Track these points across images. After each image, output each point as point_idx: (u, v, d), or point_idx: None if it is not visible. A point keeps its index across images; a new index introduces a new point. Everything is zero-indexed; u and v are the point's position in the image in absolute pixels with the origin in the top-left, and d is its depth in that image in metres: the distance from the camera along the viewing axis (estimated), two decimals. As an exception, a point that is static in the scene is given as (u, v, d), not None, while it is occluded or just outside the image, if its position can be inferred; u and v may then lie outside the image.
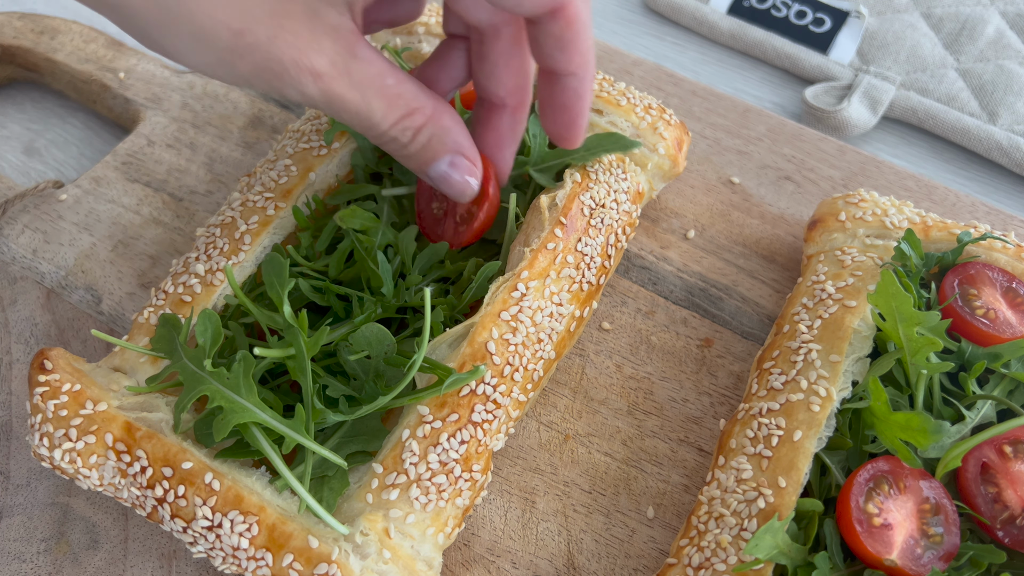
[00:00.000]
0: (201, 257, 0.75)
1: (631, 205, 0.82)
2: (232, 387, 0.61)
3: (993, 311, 0.71)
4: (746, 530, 0.63)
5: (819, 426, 0.66)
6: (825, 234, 0.81)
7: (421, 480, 0.64)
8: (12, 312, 0.84)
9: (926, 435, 0.60)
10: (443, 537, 0.66)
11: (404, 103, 0.62)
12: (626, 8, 1.17)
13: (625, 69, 1.03)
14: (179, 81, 1.01)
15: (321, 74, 0.57)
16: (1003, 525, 0.62)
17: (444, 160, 0.66)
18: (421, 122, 0.63)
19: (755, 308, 0.85)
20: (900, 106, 1.02)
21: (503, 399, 0.69)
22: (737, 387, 0.80)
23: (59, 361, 0.69)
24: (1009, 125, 1.00)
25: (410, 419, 0.66)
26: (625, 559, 0.71)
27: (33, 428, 0.67)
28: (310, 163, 0.80)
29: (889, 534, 0.60)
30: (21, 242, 0.88)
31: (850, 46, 1.07)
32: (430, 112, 0.63)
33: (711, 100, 1.00)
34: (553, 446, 0.76)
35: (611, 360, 0.81)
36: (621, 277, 0.86)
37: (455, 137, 0.65)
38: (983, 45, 1.06)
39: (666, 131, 0.85)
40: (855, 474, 0.62)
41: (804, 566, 0.61)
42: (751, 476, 0.65)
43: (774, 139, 0.96)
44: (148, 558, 0.71)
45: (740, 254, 0.88)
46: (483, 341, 0.68)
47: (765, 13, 1.10)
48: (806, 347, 0.71)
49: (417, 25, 0.91)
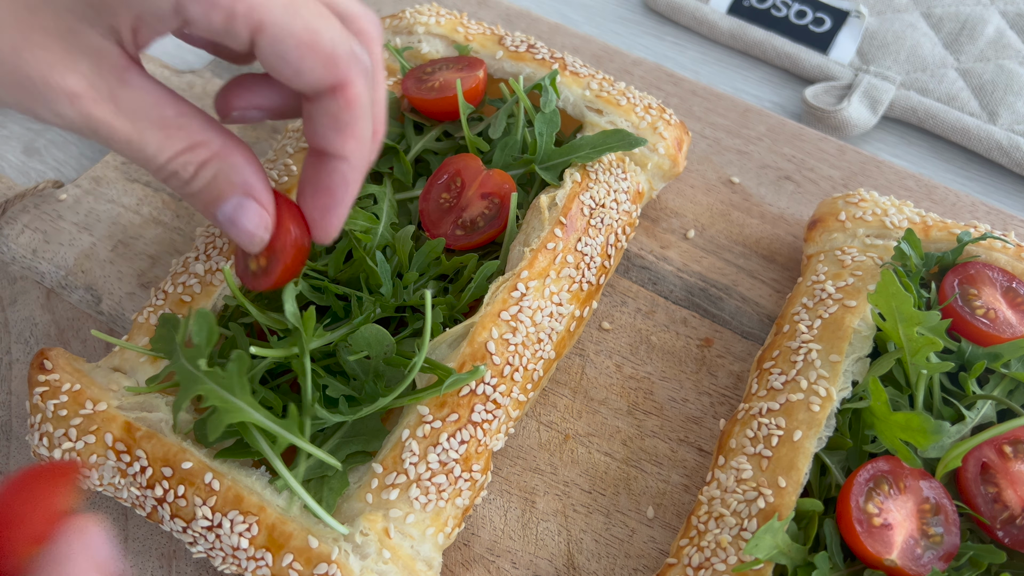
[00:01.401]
0: (201, 257, 0.75)
1: (631, 205, 0.82)
2: (226, 386, 0.61)
3: (993, 311, 0.71)
4: (746, 530, 0.63)
5: (819, 426, 0.66)
6: (825, 234, 0.81)
7: (421, 480, 0.64)
8: (12, 312, 0.84)
9: (926, 435, 0.60)
10: (443, 537, 0.66)
11: (186, 135, 0.56)
12: (626, 8, 1.17)
13: (625, 69, 1.03)
14: (179, 81, 1.01)
15: (78, 95, 0.52)
16: (1003, 525, 0.62)
17: (231, 202, 0.58)
18: (205, 156, 0.57)
19: (755, 308, 0.85)
20: (900, 106, 1.02)
21: (503, 399, 0.69)
22: (737, 387, 0.80)
23: (59, 361, 0.69)
24: (1009, 125, 1.00)
25: (410, 419, 0.66)
26: (625, 559, 0.71)
27: (33, 428, 0.67)
28: (310, 163, 0.80)
29: (889, 534, 0.60)
30: (21, 242, 0.88)
31: (850, 46, 1.07)
32: (217, 148, 0.57)
33: (711, 100, 1.00)
34: (553, 446, 0.76)
35: (611, 360, 0.81)
36: (621, 277, 0.86)
37: (245, 176, 0.58)
38: (983, 45, 1.06)
39: (666, 131, 0.85)
40: (855, 474, 0.62)
41: (804, 566, 0.61)
42: (751, 476, 0.65)
43: (774, 139, 0.96)
44: (148, 558, 0.71)
45: (740, 254, 0.88)
46: (483, 341, 0.68)
47: (765, 13, 1.10)
48: (806, 347, 0.71)
49: (417, 25, 0.91)
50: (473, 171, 0.78)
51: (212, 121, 0.58)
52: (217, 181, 0.58)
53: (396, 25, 0.92)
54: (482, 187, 0.77)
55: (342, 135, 0.58)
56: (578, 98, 0.85)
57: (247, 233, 0.60)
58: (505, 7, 1.09)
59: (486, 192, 0.77)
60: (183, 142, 0.56)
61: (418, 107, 0.85)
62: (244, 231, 0.60)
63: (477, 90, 0.83)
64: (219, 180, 0.58)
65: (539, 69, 0.86)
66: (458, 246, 0.76)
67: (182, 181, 0.58)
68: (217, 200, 0.59)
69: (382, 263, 0.71)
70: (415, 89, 0.84)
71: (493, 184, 0.77)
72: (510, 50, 0.88)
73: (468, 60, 0.86)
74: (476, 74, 0.83)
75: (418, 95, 0.83)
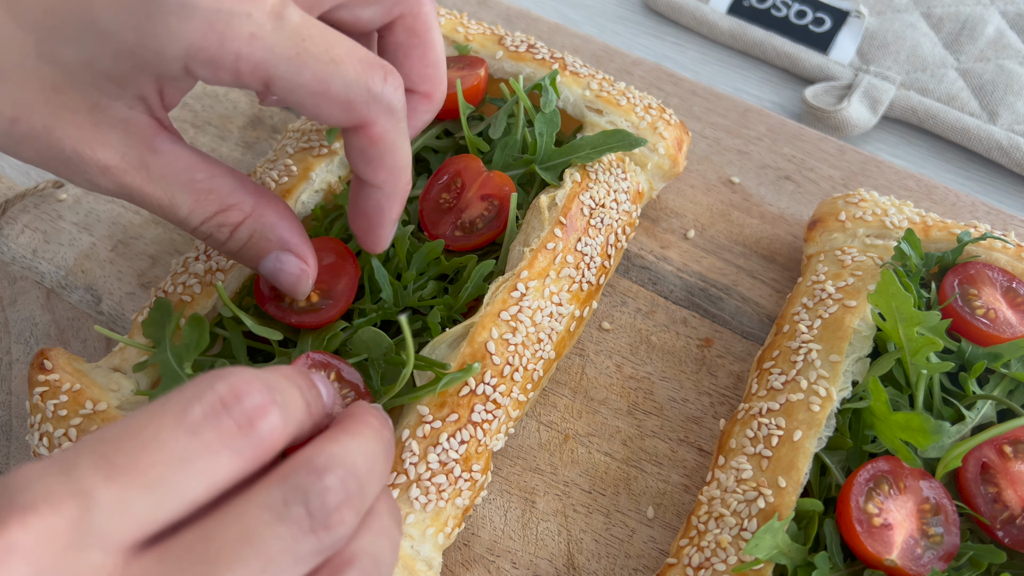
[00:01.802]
0: (201, 257, 0.75)
1: (631, 205, 0.82)
2: None
3: (993, 311, 0.71)
4: (746, 530, 0.63)
5: (819, 426, 0.66)
6: (825, 234, 0.81)
7: (421, 480, 0.64)
8: (12, 312, 0.84)
9: (926, 435, 0.60)
10: (443, 537, 0.66)
11: (217, 199, 0.58)
12: (626, 8, 1.17)
13: (625, 69, 1.03)
14: (179, 81, 1.01)
15: (109, 167, 0.54)
16: (1003, 525, 0.62)
17: (269, 259, 0.62)
18: (238, 219, 0.59)
19: (755, 308, 0.85)
20: (900, 106, 1.02)
21: (503, 399, 0.69)
22: (737, 387, 0.80)
23: (59, 361, 0.69)
24: (1009, 125, 1.00)
25: (410, 419, 0.66)
26: (625, 559, 0.71)
27: (33, 428, 0.67)
28: (310, 163, 0.80)
29: (889, 534, 0.60)
30: (21, 242, 0.88)
31: (850, 46, 1.07)
32: (249, 209, 0.59)
33: (711, 100, 1.00)
34: (553, 446, 0.76)
35: (611, 360, 0.81)
36: (621, 277, 0.86)
37: (280, 233, 0.61)
38: (983, 45, 1.06)
39: (666, 131, 0.85)
40: (855, 474, 0.62)
41: (804, 566, 0.61)
42: (751, 476, 0.65)
43: (774, 139, 0.96)
44: (148, 558, 0.71)
45: (740, 254, 0.88)
46: (483, 341, 0.68)
47: (765, 13, 1.10)
48: (806, 347, 0.71)
49: (417, 25, 0.91)
50: (474, 172, 0.78)
51: (244, 180, 0.60)
52: (254, 240, 0.61)
53: (396, 25, 0.92)
54: (482, 188, 0.77)
55: (371, 167, 0.59)
56: (578, 98, 0.85)
57: (289, 285, 0.63)
58: (505, 7, 1.09)
59: (486, 194, 0.77)
60: (214, 205, 0.58)
61: (418, 107, 0.85)
62: (286, 284, 0.63)
63: (477, 89, 0.83)
64: (255, 240, 0.61)
65: (539, 69, 0.86)
66: (457, 247, 0.76)
67: (219, 243, 0.60)
68: (256, 258, 0.62)
69: (379, 268, 0.71)
70: (415, 89, 0.84)
71: (493, 186, 0.77)
72: (510, 50, 0.88)
73: (469, 59, 0.86)
74: (477, 73, 0.83)
75: (418, 95, 0.83)
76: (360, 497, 0.44)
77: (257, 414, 0.41)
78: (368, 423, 0.48)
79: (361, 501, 0.44)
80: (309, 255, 0.63)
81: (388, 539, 0.47)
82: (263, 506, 0.40)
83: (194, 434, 0.39)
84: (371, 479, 0.45)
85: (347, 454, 0.44)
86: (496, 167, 0.80)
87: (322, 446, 0.43)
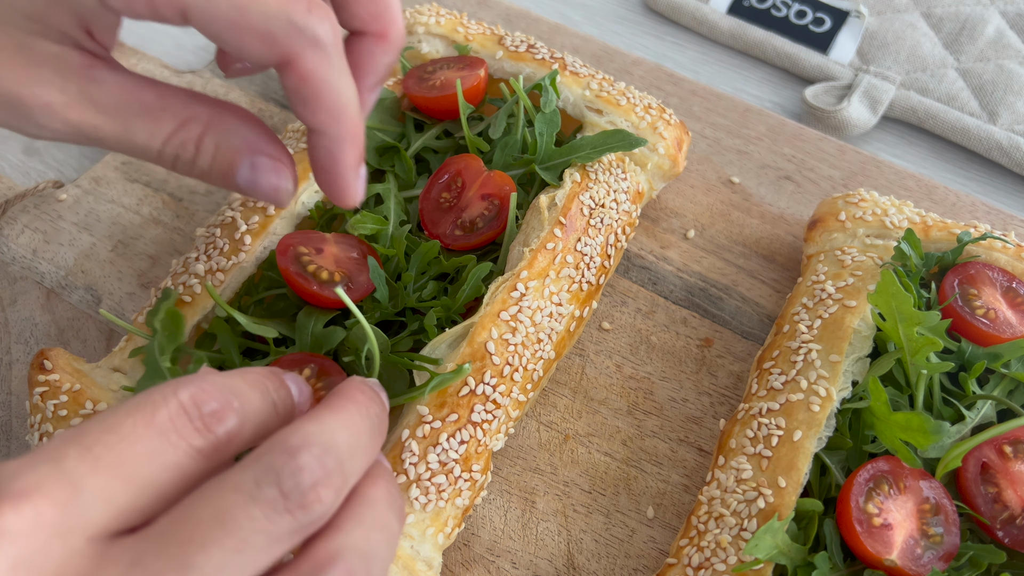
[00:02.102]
0: (201, 257, 0.75)
1: (631, 205, 0.82)
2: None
3: (993, 311, 0.71)
4: (746, 530, 0.63)
5: (819, 426, 0.66)
6: (825, 234, 0.81)
7: (421, 480, 0.64)
8: (12, 312, 0.84)
9: (926, 435, 0.60)
10: (443, 537, 0.66)
11: (171, 116, 0.54)
12: (626, 8, 1.17)
13: (625, 69, 1.03)
14: (179, 81, 1.01)
15: (51, 104, 0.52)
16: (1003, 525, 0.62)
17: (244, 166, 0.56)
18: (199, 131, 0.55)
19: (755, 308, 0.85)
20: (900, 106, 1.02)
21: (503, 399, 0.69)
22: (737, 387, 0.80)
23: (59, 361, 0.69)
24: (1009, 125, 1.00)
25: (409, 419, 0.66)
26: (625, 559, 0.71)
27: (33, 428, 0.67)
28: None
29: (889, 534, 0.60)
30: (21, 242, 0.88)
31: (850, 46, 1.07)
32: (207, 118, 0.55)
33: (711, 100, 1.00)
34: (553, 446, 0.76)
35: (611, 360, 0.81)
36: (621, 277, 0.86)
37: (244, 134, 0.56)
38: (983, 45, 1.06)
39: (666, 131, 0.85)
40: (855, 474, 0.62)
41: (804, 566, 0.61)
42: (751, 476, 0.65)
43: (774, 139, 0.96)
44: (148, 558, 0.71)
45: (740, 254, 0.88)
46: (482, 341, 0.68)
47: (765, 13, 1.10)
48: (806, 347, 0.71)
49: (417, 25, 0.91)
50: (474, 172, 0.78)
51: (196, 94, 0.56)
52: (221, 151, 0.56)
53: (396, 25, 0.92)
54: (482, 188, 0.77)
55: (309, 109, 0.55)
56: (578, 98, 0.85)
57: (272, 190, 0.57)
58: (505, 7, 1.09)
59: (486, 193, 0.77)
60: (171, 122, 0.54)
61: (419, 105, 0.85)
62: (268, 190, 0.57)
63: (478, 89, 0.84)
64: (222, 149, 0.56)
65: (539, 69, 0.86)
66: (456, 246, 0.76)
67: (188, 163, 0.56)
68: (230, 169, 0.56)
69: (375, 268, 0.71)
70: (416, 88, 0.84)
71: (494, 186, 0.77)
72: (510, 50, 0.88)
73: (469, 60, 0.86)
74: (477, 73, 0.83)
75: (419, 93, 0.83)
76: (340, 474, 0.44)
77: (213, 419, 0.43)
78: (353, 399, 0.49)
79: (342, 478, 0.44)
80: (282, 153, 0.58)
81: (383, 532, 0.46)
82: (235, 488, 0.41)
83: (162, 434, 0.42)
84: (354, 456, 0.46)
85: (324, 431, 0.44)
86: (496, 167, 0.80)
87: (299, 425, 0.44)
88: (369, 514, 0.46)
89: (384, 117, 0.85)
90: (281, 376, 0.49)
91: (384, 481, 0.49)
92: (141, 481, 0.40)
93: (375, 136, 0.83)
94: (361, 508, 0.46)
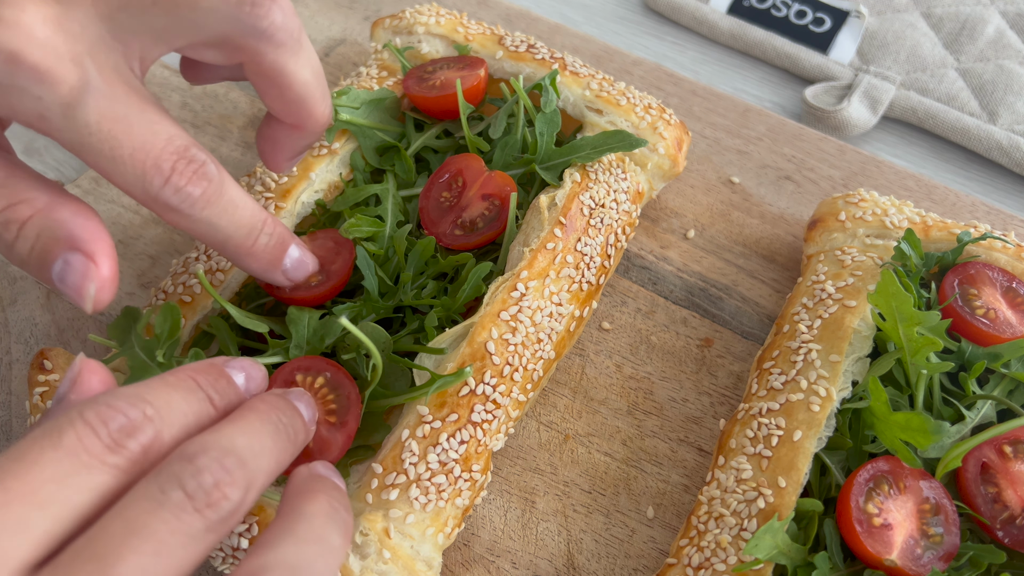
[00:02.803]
0: (201, 257, 0.75)
1: (631, 205, 0.82)
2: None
3: (993, 311, 0.71)
4: (746, 530, 0.63)
5: (819, 426, 0.66)
6: (825, 234, 0.81)
7: (421, 480, 0.64)
8: (12, 312, 0.84)
9: (926, 435, 0.60)
10: (443, 537, 0.66)
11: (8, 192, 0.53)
12: (626, 8, 1.17)
13: (625, 69, 1.03)
14: (179, 81, 1.01)
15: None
16: (1003, 525, 0.62)
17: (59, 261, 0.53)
18: (27, 214, 0.52)
19: (755, 308, 0.85)
20: (900, 106, 1.02)
21: (503, 399, 0.69)
22: (737, 387, 0.80)
23: (59, 361, 0.69)
24: (1009, 125, 1.00)
25: (409, 419, 0.66)
26: (625, 559, 0.71)
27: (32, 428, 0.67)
28: (310, 163, 0.80)
29: (889, 534, 0.60)
30: (21, 242, 0.88)
31: (850, 46, 1.07)
32: (41, 205, 0.53)
33: (711, 100, 1.00)
34: (553, 446, 0.76)
35: (611, 360, 0.81)
36: (621, 277, 0.86)
37: (70, 230, 0.52)
38: (983, 45, 1.06)
39: (666, 131, 0.85)
40: (855, 474, 0.62)
41: (804, 566, 0.61)
42: (751, 476, 0.65)
43: (774, 139, 0.96)
44: (148, 558, 0.71)
45: (740, 254, 0.88)
46: (483, 341, 0.68)
47: (765, 13, 1.10)
48: (806, 347, 0.71)
49: (417, 25, 0.91)
50: (475, 171, 0.78)
51: (45, 181, 0.55)
52: (41, 240, 0.53)
53: (396, 25, 0.92)
54: (483, 188, 0.77)
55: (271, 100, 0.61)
56: (578, 98, 0.85)
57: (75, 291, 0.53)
58: (505, 7, 1.09)
59: (487, 193, 0.77)
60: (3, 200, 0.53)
61: (419, 105, 0.85)
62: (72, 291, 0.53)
63: (478, 89, 0.84)
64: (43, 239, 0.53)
65: (539, 69, 0.86)
66: (456, 246, 0.76)
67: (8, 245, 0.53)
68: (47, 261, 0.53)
69: (363, 257, 0.72)
70: (416, 87, 0.84)
71: (494, 186, 0.77)
72: (510, 50, 0.88)
73: (469, 60, 0.86)
74: (477, 73, 0.83)
75: (419, 93, 0.83)
76: (243, 473, 0.45)
77: (122, 434, 0.43)
78: (253, 408, 0.50)
79: (246, 477, 0.45)
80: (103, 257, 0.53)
81: (318, 545, 0.46)
82: (142, 498, 0.42)
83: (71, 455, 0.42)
84: (258, 457, 0.47)
85: (222, 438, 0.46)
86: (496, 167, 0.80)
87: (197, 437, 0.46)
88: (303, 528, 0.47)
89: (384, 117, 0.85)
90: (220, 367, 0.51)
91: (325, 496, 0.49)
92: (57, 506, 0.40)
93: (375, 136, 0.83)
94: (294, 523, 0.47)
